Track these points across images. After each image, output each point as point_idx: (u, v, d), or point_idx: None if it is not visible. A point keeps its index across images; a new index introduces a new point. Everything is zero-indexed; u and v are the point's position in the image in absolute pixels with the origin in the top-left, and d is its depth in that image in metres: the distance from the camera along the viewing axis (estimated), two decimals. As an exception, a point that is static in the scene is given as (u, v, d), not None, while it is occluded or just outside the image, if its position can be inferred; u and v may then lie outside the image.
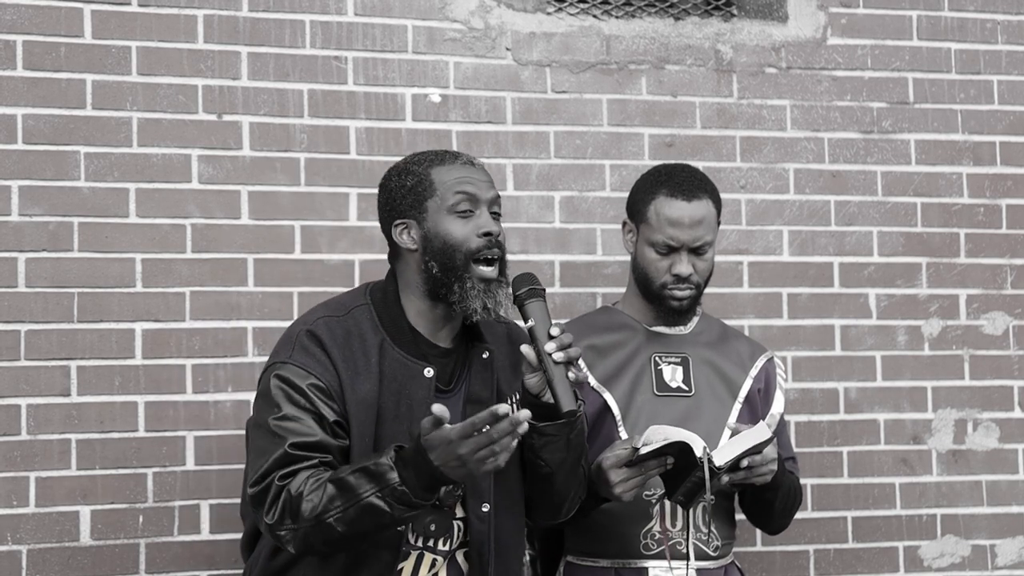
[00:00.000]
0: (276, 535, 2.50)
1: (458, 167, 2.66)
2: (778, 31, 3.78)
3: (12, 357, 3.23)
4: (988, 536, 3.79)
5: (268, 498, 2.50)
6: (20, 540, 3.21)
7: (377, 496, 2.41)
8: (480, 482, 2.62)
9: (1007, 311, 3.85)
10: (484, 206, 2.65)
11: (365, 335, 2.63)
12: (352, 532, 2.45)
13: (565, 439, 2.63)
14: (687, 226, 3.02)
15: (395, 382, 2.61)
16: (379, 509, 2.41)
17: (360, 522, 2.43)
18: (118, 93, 3.35)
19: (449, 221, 2.63)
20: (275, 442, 2.52)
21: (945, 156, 3.84)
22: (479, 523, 2.64)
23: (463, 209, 2.63)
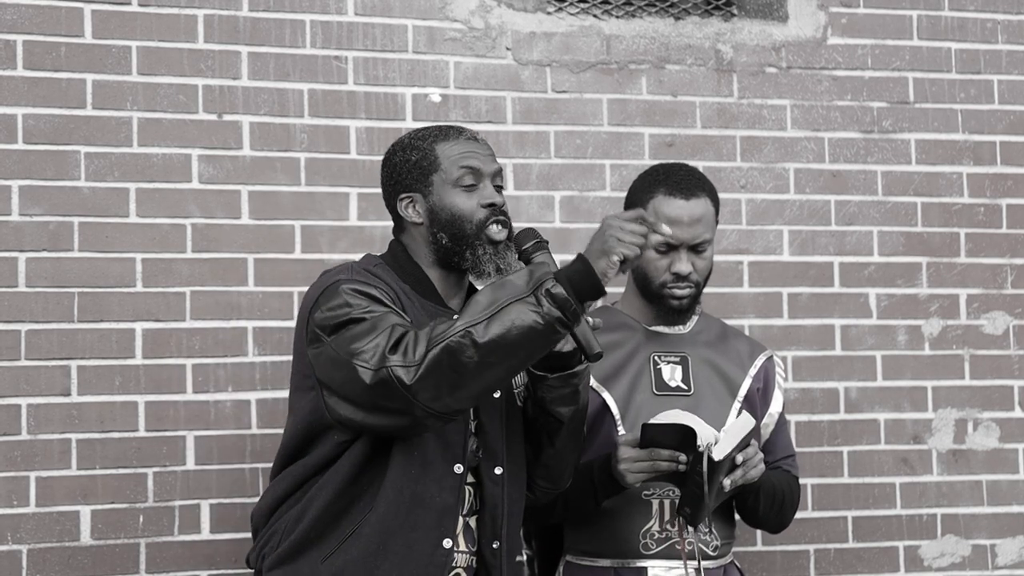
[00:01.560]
0: (389, 371, 2.42)
1: (462, 142, 2.73)
2: (778, 31, 3.78)
3: (12, 357, 3.23)
4: (988, 536, 3.79)
5: (387, 342, 2.44)
6: (20, 540, 3.21)
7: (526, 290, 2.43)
8: (495, 443, 2.66)
9: (1007, 311, 3.85)
10: (487, 179, 2.72)
11: (393, 285, 2.68)
12: (495, 343, 2.39)
13: (575, 389, 2.68)
14: (686, 224, 3.02)
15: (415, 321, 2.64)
16: (526, 305, 2.41)
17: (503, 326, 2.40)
18: (118, 93, 3.35)
19: (455, 194, 2.69)
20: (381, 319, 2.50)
21: (945, 156, 3.85)
22: (493, 486, 2.67)
23: (467, 183, 2.70)
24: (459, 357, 2.41)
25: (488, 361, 2.42)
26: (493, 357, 2.42)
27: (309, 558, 2.57)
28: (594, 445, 3.02)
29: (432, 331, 2.44)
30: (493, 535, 2.68)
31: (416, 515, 2.57)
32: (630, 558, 3.00)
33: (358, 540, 2.55)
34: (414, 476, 2.58)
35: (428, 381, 2.42)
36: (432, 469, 2.59)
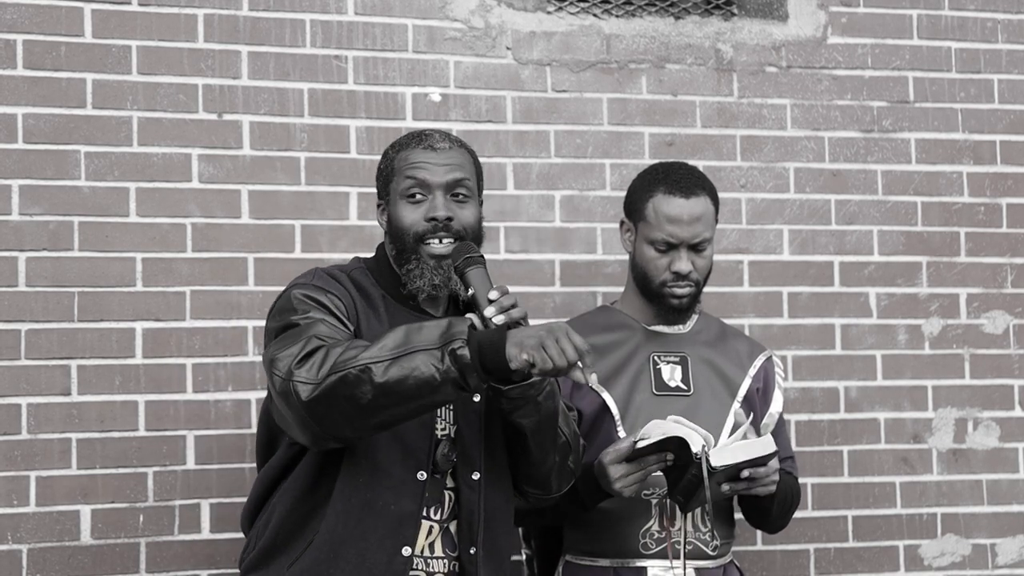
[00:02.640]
0: (292, 384, 2.41)
1: (417, 151, 2.68)
2: (778, 30, 3.78)
3: (12, 356, 3.23)
4: (988, 535, 3.79)
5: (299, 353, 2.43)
6: (20, 539, 3.21)
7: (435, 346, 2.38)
8: (471, 448, 2.63)
9: (1007, 310, 3.85)
10: (438, 191, 2.65)
11: (368, 289, 2.68)
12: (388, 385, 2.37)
13: (533, 402, 2.59)
14: (686, 223, 3.02)
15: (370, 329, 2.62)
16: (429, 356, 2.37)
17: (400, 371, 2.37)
18: (118, 92, 3.35)
19: (401, 206, 2.66)
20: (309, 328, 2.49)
21: (945, 155, 3.84)
22: (469, 491, 2.62)
23: (413, 195, 2.65)
24: (354, 390, 2.40)
25: (380, 403, 2.40)
26: (385, 400, 2.40)
27: (278, 564, 2.57)
28: (594, 445, 3.02)
29: (342, 353, 2.41)
30: (470, 541, 2.62)
31: (367, 523, 2.55)
32: (629, 558, 3.00)
33: (313, 548, 2.55)
34: (363, 484, 2.56)
35: (322, 404, 2.41)
36: (385, 476, 2.56)
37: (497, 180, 3.57)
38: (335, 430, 2.45)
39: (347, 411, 2.41)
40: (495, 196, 3.56)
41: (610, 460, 2.85)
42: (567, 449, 2.72)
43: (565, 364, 2.38)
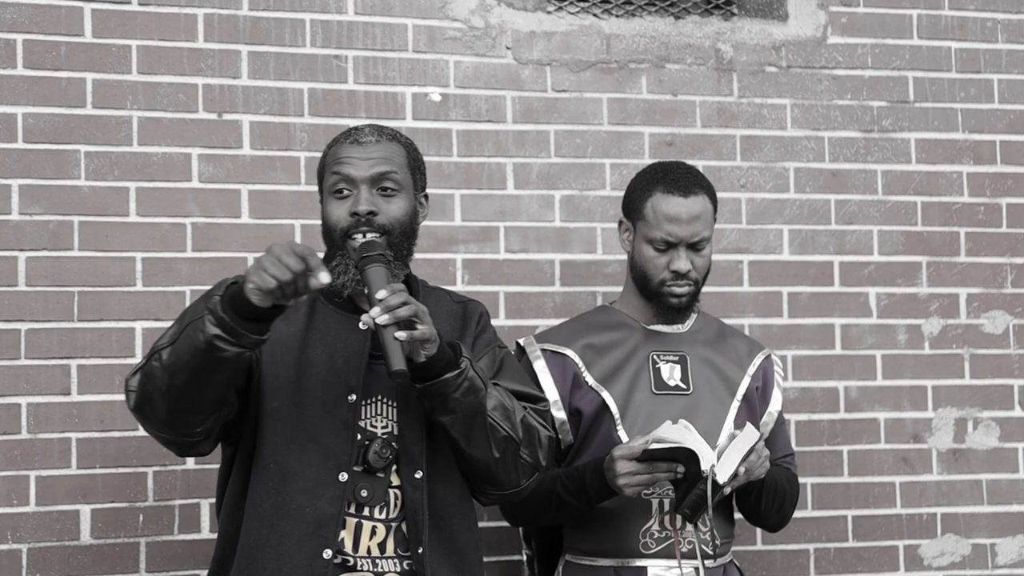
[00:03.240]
0: (127, 392, 2.50)
1: (344, 146, 2.66)
2: (778, 30, 3.78)
3: (12, 356, 3.23)
4: (988, 535, 3.79)
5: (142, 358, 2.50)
6: (20, 539, 3.21)
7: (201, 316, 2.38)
8: (412, 447, 2.60)
9: (1007, 310, 3.85)
10: (364, 185, 2.62)
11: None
12: (173, 357, 2.40)
13: (446, 399, 2.54)
14: (684, 222, 3.02)
15: (328, 335, 2.62)
16: (196, 326, 2.38)
17: (182, 346, 2.39)
18: (118, 92, 3.35)
19: (329, 202, 2.66)
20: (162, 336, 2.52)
21: (945, 155, 3.85)
22: (413, 491, 2.59)
23: (338, 190, 2.63)
24: (155, 381, 2.43)
25: (175, 383, 2.42)
26: (176, 379, 2.42)
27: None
28: (594, 444, 3.02)
29: (152, 349, 2.45)
30: (417, 541, 2.59)
31: (282, 527, 2.54)
32: (630, 557, 3.00)
33: (238, 558, 2.57)
34: (274, 488, 2.56)
35: (143, 405, 2.47)
36: (297, 480, 2.56)
37: (497, 180, 3.57)
38: (166, 429, 2.50)
39: (159, 404, 2.45)
40: (495, 196, 3.57)
41: (620, 455, 2.85)
42: (511, 443, 2.63)
43: (289, 276, 2.32)
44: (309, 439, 2.57)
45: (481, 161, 3.57)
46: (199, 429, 2.52)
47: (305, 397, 2.59)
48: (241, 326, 2.37)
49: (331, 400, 2.58)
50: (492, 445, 2.61)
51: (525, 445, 2.66)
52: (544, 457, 2.72)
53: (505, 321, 3.52)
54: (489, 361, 2.74)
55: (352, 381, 2.59)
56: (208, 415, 2.51)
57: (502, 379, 2.72)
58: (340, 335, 2.63)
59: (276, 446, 2.57)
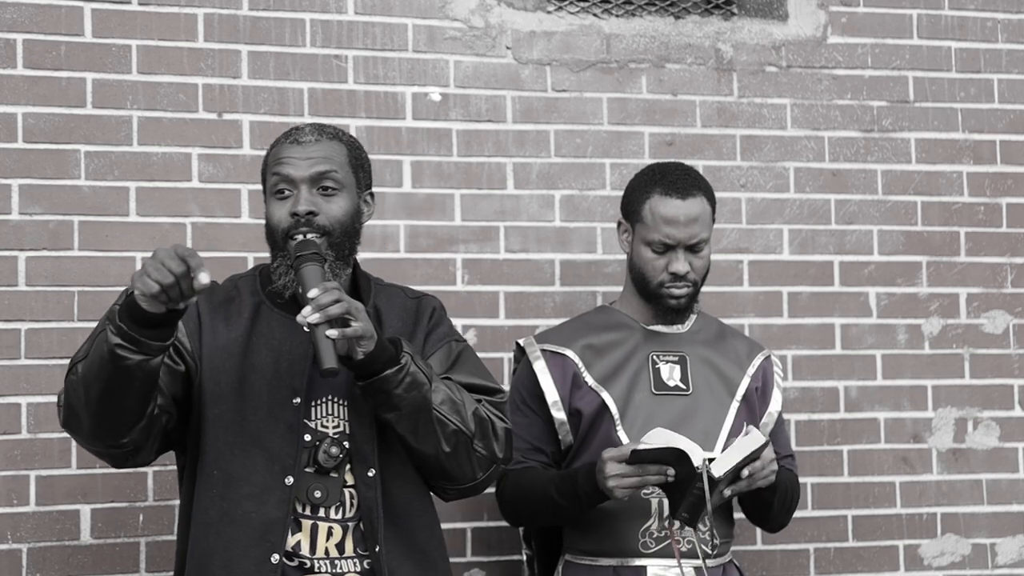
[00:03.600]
0: (57, 408, 2.52)
1: (285, 147, 2.63)
2: (778, 30, 3.78)
3: (12, 356, 3.24)
4: (988, 535, 3.79)
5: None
6: (20, 539, 3.21)
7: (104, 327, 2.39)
8: (364, 445, 2.59)
9: (1007, 310, 3.85)
10: (303, 185, 2.59)
11: (243, 298, 2.66)
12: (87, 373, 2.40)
13: (389, 395, 2.52)
14: (683, 224, 3.02)
15: (273, 339, 2.61)
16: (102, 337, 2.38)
17: (93, 358, 2.40)
18: (118, 92, 3.35)
19: (270, 203, 2.63)
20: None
21: (945, 155, 3.84)
22: (366, 489, 2.58)
23: (278, 190, 2.61)
24: (74, 395, 2.44)
25: (91, 396, 2.43)
26: (92, 391, 2.42)
27: None
28: (593, 445, 3.02)
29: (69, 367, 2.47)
30: (374, 539, 2.58)
31: (228, 533, 2.54)
32: (629, 557, 3.00)
33: (188, 567, 2.58)
34: (218, 494, 2.56)
35: (70, 422, 2.47)
36: (242, 485, 2.55)
37: (497, 180, 3.57)
38: (94, 441, 2.51)
39: (83, 417, 2.46)
40: (495, 195, 3.57)
41: (610, 456, 2.84)
42: (463, 437, 2.60)
43: (171, 279, 2.29)
44: (254, 444, 2.56)
45: (481, 161, 3.57)
46: (125, 440, 2.51)
47: (249, 402, 2.58)
48: (140, 334, 2.36)
49: (276, 404, 2.57)
50: (442, 439, 2.58)
51: (479, 438, 2.63)
52: (501, 449, 2.68)
53: (505, 321, 3.53)
54: (444, 355, 2.71)
55: (297, 384, 2.57)
56: (131, 426, 2.49)
57: (457, 373, 2.70)
58: (285, 338, 2.61)
59: (220, 453, 2.57)
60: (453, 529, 3.44)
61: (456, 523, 3.45)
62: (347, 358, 2.46)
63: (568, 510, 2.97)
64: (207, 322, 2.62)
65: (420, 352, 2.67)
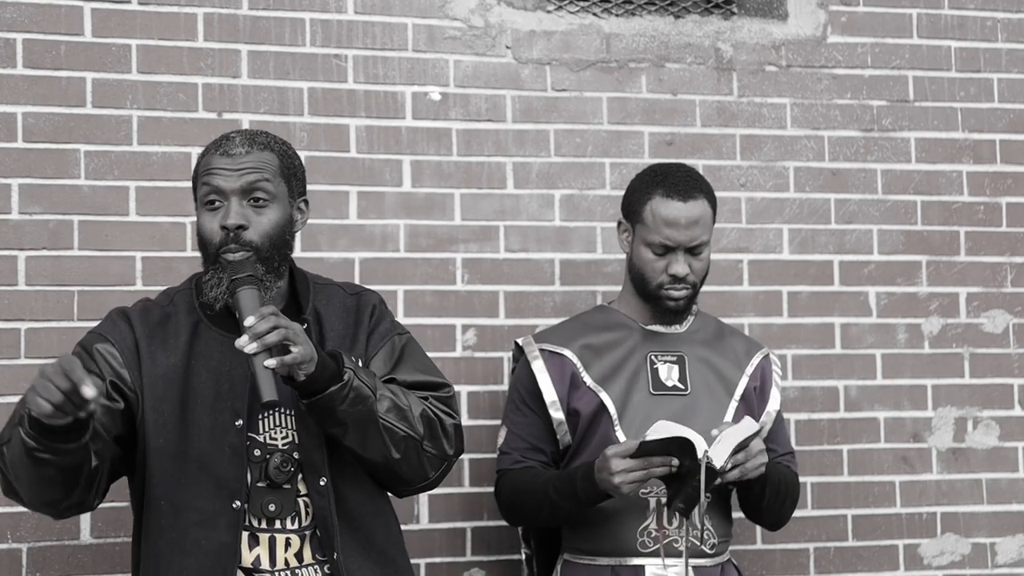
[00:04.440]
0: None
1: (215, 157, 2.59)
2: (778, 29, 3.78)
3: (12, 356, 3.24)
4: (988, 534, 3.79)
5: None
6: (20, 538, 3.21)
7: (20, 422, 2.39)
8: (313, 455, 2.58)
9: (1007, 309, 3.85)
10: (233, 197, 2.56)
11: (180, 317, 2.63)
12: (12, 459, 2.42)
13: (333, 411, 2.51)
14: (683, 226, 3.02)
15: (212, 360, 2.59)
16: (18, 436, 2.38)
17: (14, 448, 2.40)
18: (118, 91, 3.35)
19: (201, 214, 2.60)
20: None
21: (945, 154, 3.84)
22: (319, 498, 2.58)
23: (208, 201, 2.58)
24: (8, 473, 2.46)
25: (20, 477, 2.45)
26: (21, 474, 2.43)
27: None
28: (592, 445, 3.02)
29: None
30: (330, 548, 2.58)
31: (179, 563, 2.54)
32: (627, 556, 3.00)
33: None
34: (167, 525, 2.55)
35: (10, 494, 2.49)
36: (190, 514, 2.54)
37: (497, 179, 3.57)
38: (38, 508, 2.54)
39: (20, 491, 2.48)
40: (495, 195, 3.57)
41: (614, 453, 2.83)
42: (412, 441, 2.60)
43: (60, 398, 2.25)
44: (200, 471, 2.55)
45: (481, 160, 3.57)
46: (64, 505, 2.53)
47: (191, 429, 2.57)
48: (51, 440, 2.34)
49: (219, 428, 2.56)
50: (391, 447, 2.58)
51: (427, 439, 2.62)
52: (451, 445, 2.68)
53: (505, 320, 3.53)
54: (387, 353, 2.70)
55: (238, 405, 2.56)
56: (67, 494, 2.49)
57: (402, 371, 2.68)
58: (224, 359, 2.58)
59: (166, 482, 2.56)
60: (453, 529, 3.44)
61: (456, 523, 3.45)
62: (289, 378, 2.45)
63: (567, 510, 2.97)
64: (144, 349, 2.59)
65: (363, 352, 2.66)
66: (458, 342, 3.49)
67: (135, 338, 2.60)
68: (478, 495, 3.44)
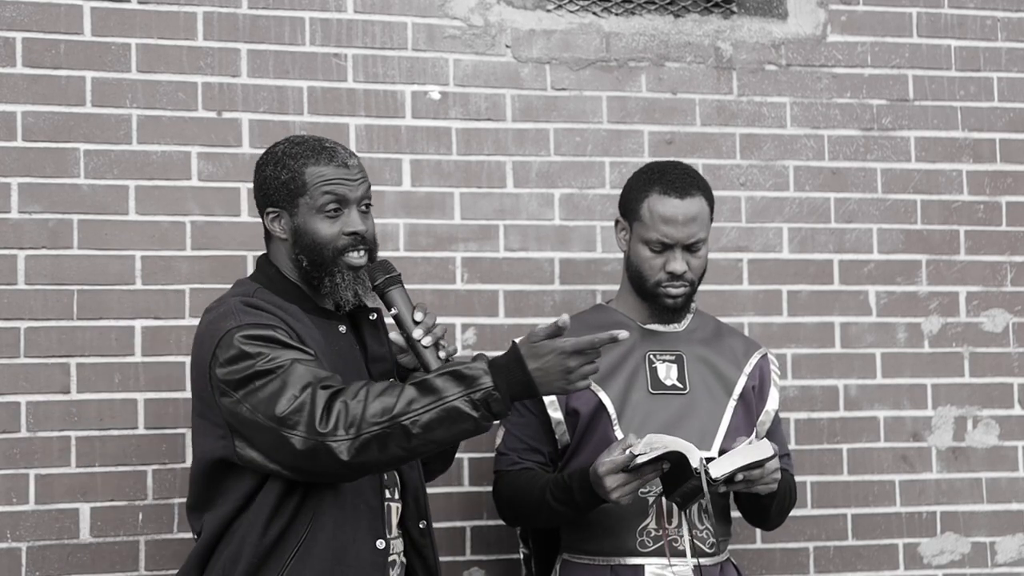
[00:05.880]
0: (325, 445, 2.47)
1: (331, 168, 2.72)
2: (778, 28, 3.78)
3: (12, 355, 3.23)
4: (988, 533, 3.79)
5: (313, 409, 2.48)
6: (20, 537, 3.21)
7: (465, 399, 2.48)
8: None
9: (1007, 308, 3.85)
10: (353, 205, 2.72)
11: (284, 306, 2.69)
12: (426, 437, 2.48)
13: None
14: (681, 223, 3.02)
15: (319, 345, 2.67)
16: (463, 414, 2.48)
17: (438, 425, 2.48)
18: (118, 90, 3.35)
19: (317, 220, 2.70)
20: (289, 371, 2.52)
21: (945, 153, 3.84)
22: (410, 469, 2.75)
23: (331, 210, 2.70)
24: (388, 442, 2.49)
25: (418, 452, 2.53)
26: (423, 448, 2.52)
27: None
28: (591, 444, 3.02)
29: (364, 408, 2.48)
30: (419, 515, 2.75)
31: (353, 524, 2.63)
32: (627, 556, 3.00)
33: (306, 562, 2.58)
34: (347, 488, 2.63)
35: (360, 457, 2.49)
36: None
37: (496, 178, 3.57)
38: (373, 470, 2.59)
39: (383, 462, 2.53)
40: (494, 194, 3.57)
41: (606, 471, 2.81)
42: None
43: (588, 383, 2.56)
44: None
45: (480, 159, 3.57)
46: None
47: None
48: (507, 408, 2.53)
49: None
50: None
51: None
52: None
53: (504, 320, 3.53)
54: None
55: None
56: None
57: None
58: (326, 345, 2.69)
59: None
60: (452, 528, 3.44)
61: (455, 522, 3.45)
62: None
63: (564, 515, 2.97)
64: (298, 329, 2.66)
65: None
66: (458, 341, 3.49)
67: (283, 320, 2.66)
68: (477, 494, 3.44)
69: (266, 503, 2.59)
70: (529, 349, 2.50)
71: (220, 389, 2.58)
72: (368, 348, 2.79)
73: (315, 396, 2.49)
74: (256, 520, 2.59)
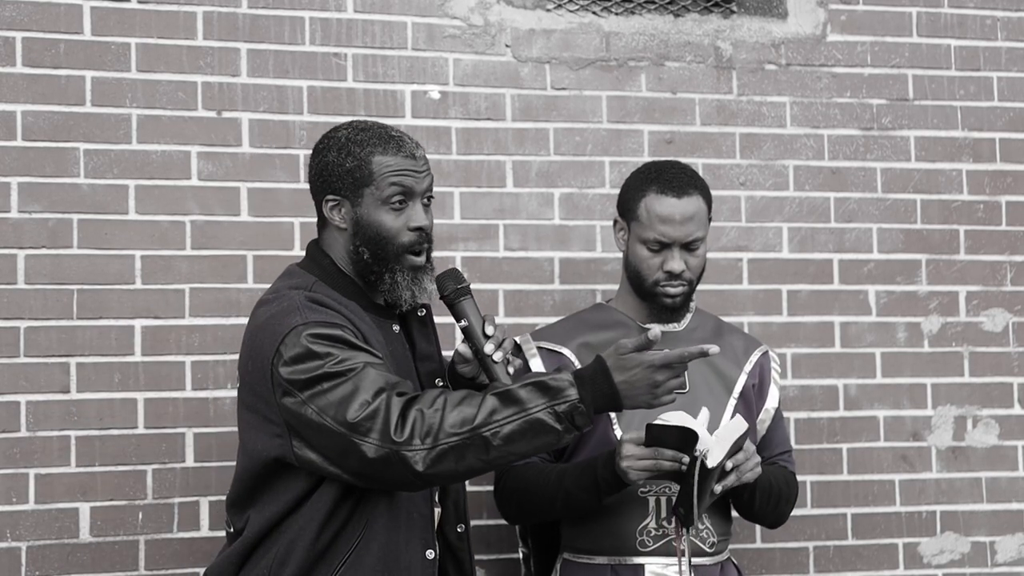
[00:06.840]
0: (400, 455, 2.41)
1: (399, 158, 2.65)
2: (778, 28, 3.78)
3: (12, 354, 3.23)
4: (988, 533, 3.79)
5: (388, 416, 2.41)
6: (20, 537, 3.21)
7: (549, 411, 2.43)
8: None
9: (1007, 308, 3.85)
10: (418, 198, 2.66)
11: (344, 303, 2.63)
12: (506, 449, 2.43)
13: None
14: (678, 222, 3.02)
15: (381, 347, 2.62)
16: (546, 426, 2.43)
17: (520, 437, 2.43)
18: (117, 90, 3.35)
19: (383, 212, 2.64)
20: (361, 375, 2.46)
21: (945, 153, 3.84)
22: None
23: (398, 202, 2.64)
24: (466, 453, 2.44)
25: (496, 464, 2.49)
26: (502, 460, 2.48)
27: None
28: (590, 444, 3.02)
29: (442, 418, 2.42)
30: (457, 519, 2.73)
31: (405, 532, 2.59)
32: (627, 555, 2.99)
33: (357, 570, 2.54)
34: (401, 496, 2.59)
35: (436, 467, 2.44)
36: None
37: (496, 178, 3.57)
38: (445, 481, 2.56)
39: (458, 473, 2.48)
40: (494, 194, 3.57)
41: (629, 439, 2.84)
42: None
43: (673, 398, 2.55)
44: None
45: (480, 159, 3.57)
46: None
47: None
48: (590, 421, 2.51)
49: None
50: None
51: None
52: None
53: (504, 319, 3.53)
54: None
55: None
56: None
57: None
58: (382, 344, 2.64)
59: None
60: (452, 527, 3.44)
61: (455, 521, 3.45)
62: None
63: (584, 501, 2.94)
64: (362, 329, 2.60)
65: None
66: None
67: (348, 318, 2.59)
68: (477, 494, 3.43)
69: (320, 506, 2.53)
70: (616, 361, 2.45)
71: (283, 388, 2.49)
72: (416, 346, 2.73)
73: (390, 403, 2.43)
74: (308, 523, 2.53)
